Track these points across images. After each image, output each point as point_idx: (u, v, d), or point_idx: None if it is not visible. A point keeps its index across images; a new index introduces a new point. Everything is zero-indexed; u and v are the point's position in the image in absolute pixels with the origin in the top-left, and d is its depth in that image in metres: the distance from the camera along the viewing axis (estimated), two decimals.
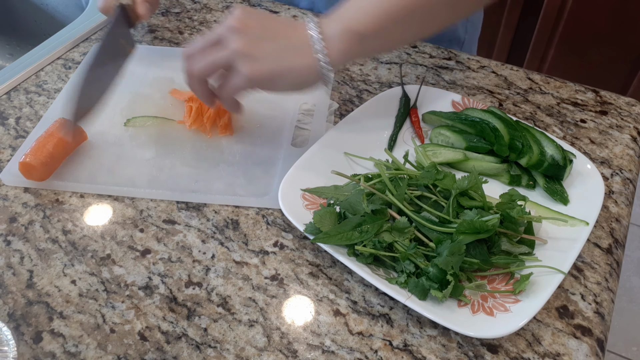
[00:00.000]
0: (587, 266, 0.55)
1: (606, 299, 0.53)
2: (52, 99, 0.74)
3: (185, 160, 0.65)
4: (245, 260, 0.56)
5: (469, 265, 0.51)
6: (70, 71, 0.78)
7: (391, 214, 0.54)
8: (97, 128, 0.69)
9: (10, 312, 0.52)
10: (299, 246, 0.57)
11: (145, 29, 0.86)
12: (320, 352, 0.49)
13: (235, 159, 0.65)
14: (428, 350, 0.49)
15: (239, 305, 0.52)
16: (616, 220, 0.59)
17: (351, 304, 0.52)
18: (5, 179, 0.63)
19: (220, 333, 0.50)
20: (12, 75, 0.76)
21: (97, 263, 0.56)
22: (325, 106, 0.71)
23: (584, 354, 0.49)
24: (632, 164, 0.65)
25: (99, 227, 0.59)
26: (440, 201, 0.55)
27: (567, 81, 0.76)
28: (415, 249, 0.51)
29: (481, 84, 0.75)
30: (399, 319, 0.51)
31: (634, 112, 0.71)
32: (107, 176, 0.63)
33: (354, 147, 0.64)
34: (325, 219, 0.53)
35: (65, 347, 0.50)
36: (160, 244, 0.58)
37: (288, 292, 0.53)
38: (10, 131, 0.70)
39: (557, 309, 0.52)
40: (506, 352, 0.49)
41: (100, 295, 0.53)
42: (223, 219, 0.60)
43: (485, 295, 0.51)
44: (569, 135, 0.68)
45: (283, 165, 0.63)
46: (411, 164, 0.61)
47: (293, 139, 0.67)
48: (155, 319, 0.51)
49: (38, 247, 0.57)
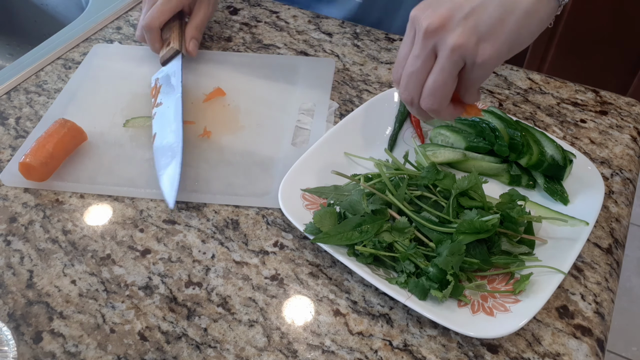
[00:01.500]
0: (587, 266, 0.55)
1: (606, 299, 0.53)
2: (52, 99, 0.74)
3: (185, 160, 0.65)
4: (245, 260, 0.56)
5: (469, 265, 0.51)
6: (70, 71, 0.78)
7: (391, 214, 0.54)
8: (97, 128, 0.69)
9: (10, 312, 0.52)
10: (299, 246, 0.57)
11: None
12: (320, 352, 0.49)
13: (235, 159, 0.65)
14: (428, 350, 0.49)
15: (239, 305, 0.52)
16: (616, 220, 0.59)
17: (351, 304, 0.52)
18: (5, 180, 0.63)
19: (220, 333, 0.50)
20: (12, 75, 0.76)
21: (97, 263, 0.56)
22: (325, 106, 0.71)
23: (584, 354, 0.49)
24: (632, 164, 0.65)
25: (99, 227, 0.59)
26: (440, 201, 0.55)
27: (567, 81, 0.76)
28: (415, 249, 0.51)
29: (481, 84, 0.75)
30: (399, 319, 0.51)
31: (634, 112, 0.71)
32: (107, 176, 0.63)
33: (354, 147, 0.64)
34: (325, 219, 0.53)
35: (65, 347, 0.50)
36: (160, 244, 0.58)
37: (288, 292, 0.53)
38: (10, 131, 0.70)
39: (557, 309, 0.52)
40: (506, 352, 0.49)
41: (100, 295, 0.53)
42: (223, 219, 0.60)
43: (485, 295, 0.51)
44: (569, 135, 0.68)
45: (283, 165, 0.63)
46: (411, 164, 0.61)
47: (293, 139, 0.67)
48: (155, 319, 0.51)
49: (38, 247, 0.57)
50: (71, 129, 0.64)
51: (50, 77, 0.77)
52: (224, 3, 0.91)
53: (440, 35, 0.45)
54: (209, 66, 0.78)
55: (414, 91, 0.49)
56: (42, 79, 0.77)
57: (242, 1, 0.91)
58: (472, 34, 0.44)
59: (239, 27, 0.85)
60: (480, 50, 0.44)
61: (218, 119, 0.70)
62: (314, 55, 0.80)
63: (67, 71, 0.78)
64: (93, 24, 0.85)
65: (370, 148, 0.65)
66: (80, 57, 0.80)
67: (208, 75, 0.76)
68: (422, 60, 0.47)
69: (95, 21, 0.86)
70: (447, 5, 0.45)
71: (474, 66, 0.45)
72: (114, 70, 0.77)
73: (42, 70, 0.78)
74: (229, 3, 0.91)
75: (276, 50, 0.81)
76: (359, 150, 0.64)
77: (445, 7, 0.45)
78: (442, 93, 0.47)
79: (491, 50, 0.44)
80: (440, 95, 0.47)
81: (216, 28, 0.85)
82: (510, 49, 0.45)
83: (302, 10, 0.88)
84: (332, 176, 0.58)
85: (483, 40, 0.44)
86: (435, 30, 0.45)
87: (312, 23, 0.86)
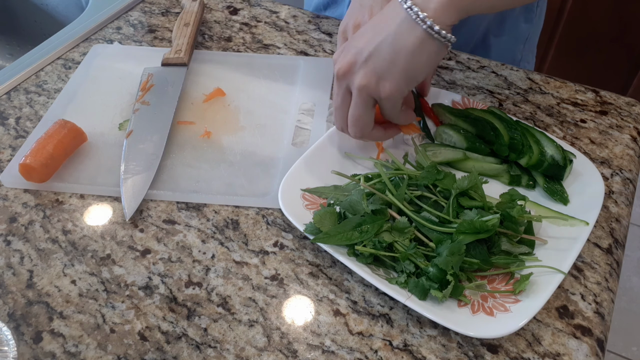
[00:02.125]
0: (587, 266, 0.55)
1: (606, 299, 0.53)
2: (52, 99, 0.74)
3: (185, 160, 0.65)
4: (245, 260, 0.56)
5: (469, 265, 0.51)
6: (70, 71, 0.78)
7: (391, 214, 0.54)
8: (97, 129, 0.69)
9: (10, 312, 0.52)
10: (299, 246, 0.57)
11: (145, 29, 0.86)
12: (320, 352, 0.49)
13: (235, 159, 0.65)
14: (428, 350, 0.49)
15: (239, 305, 0.52)
16: (616, 220, 0.59)
17: (351, 304, 0.52)
18: (5, 181, 0.63)
19: (220, 333, 0.50)
20: (12, 75, 0.76)
21: (97, 263, 0.56)
22: (325, 106, 0.71)
23: (584, 354, 0.49)
24: (632, 164, 0.65)
25: (99, 227, 0.59)
26: (440, 201, 0.55)
27: (567, 81, 0.76)
28: (415, 249, 0.51)
29: (481, 84, 0.75)
30: (399, 319, 0.51)
31: (634, 112, 0.71)
32: (107, 177, 0.63)
33: (354, 147, 0.64)
34: (325, 219, 0.53)
35: (65, 347, 0.50)
36: (160, 244, 0.58)
37: (288, 292, 0.53)
38: (10, 131, 0.70)
39: (557, 309, 0.52)
40: (506, 352, 0.49)
41: (100, 295, 0.53)
42: (223, 219, 0.60)
43: (485, 295, 0.51)
44: (569, 135, 0.68)
45: (283, 165, 0.63)
46: (411, 164, 0.61)
47: (293, 139, 0.67)
48: (155, 319, 0.51)
49: (38, 247, 0.57)
50: (71, 130, 0.64)
51: (50, 77, 0.77)
52: (224, 3, 0.91)
53: (349, 78, 0.53)
54: (209, 66, 0.78)
55: (341, 122, 0.57)
56: (42, 79, 0.77)
57: (242, 1, 0.91)
58: (372, 75, 0.52)
59: (239, 27, 0.85)
60: (381, 88, 0.52)
61: (218, 119, 0.70)
62: (314, 55, 0.80)
63: (67, 71, 0.78)
64: (93, 24, 0.85)
65: (370, 148, 0.64)
66: (80, 57, 0.80)
67: (208, 75, 0.76)
68: (341, 98, 0.55)
69: (95, 21, 0.86)
70: (352, 51, 0.53)
71: (381, 101, 0.53)
72: (114, 70, 0.77)
73: (42, 70, 0.78)
74: (229, 3, 0.91)
75: (276, 50, 0.81)
76: (359, 150, 0.64)
77: (350, 53, 0.53)
78: (361, 124, 0.55)
79: (390, 87, 0.52)
80: (360, 125, 0.55)
81: (216, 28, 0.85)
82: (408, 83, 0.52)
83: (302, 10, 0.88)
84: (332, 176, 0.58)
85: (382, 79, 0.52)
86: (344, 74, 0.53)
87: (312, 23, 0.86)
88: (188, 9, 0.82)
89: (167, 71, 0.73)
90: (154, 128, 0.66)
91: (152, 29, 0.86)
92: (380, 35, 0.51)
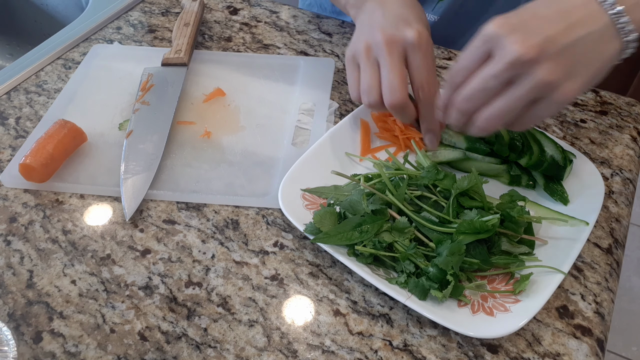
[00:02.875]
0: (587, 266, 0.55)
1: (606, 299, 0.53)
2: (52, 99, 0.74)
3: (185, 160, 0.65)
4: (245, 260, 0.56)
5: (469, 265, 0.51)
6: (70, 71, 0.78)
7: (391, 214, 0.54)
8: (97, 129, 0.69)
9: (10, 312, 0.52)
10: (299, 246, 0.57)
11: (145, 29, 0.86)
12: (320, 352, 0.49)
13: (235, 159, 0.65)
14: (428, 350, 0.49)
15: (239, 305, 0.52)
16: (616, 220, 0.59)
17: (351, 304, 0.52)
18: (5, 181, 0.63)
19: (220, 333, 0.50)
20: (12, 75, 0.76)
21: (97, 263, 0.56)
22: (325, 106, 0.71)
23: (584, 354, 0.49)
24: (632, 164, 0.65)
25: (99, 227, 0.59)
26: (440, 201, 0.55)
27: None
28: (415, 249, 0.51)
29: None
30: (399, 319, 0.51)
31: (634, 112, 0.71)
32: (107, 177, 0.63)
33: (354, 147, 0.64)
34: (325, 219, 0.53)
35: (65, 347, 0.50)
36: (160, 244, 0.58)
37: (288, 292, 0.53)
38: (10, 131, 0.70)
39: (557, 309, 0.52)
40: (506, 352, 0.49)
41: (100, 295, 0.53)
42: (223, 219, 0.60)
43: (485, 295, 0.51)
44: (569, 135, 0.68)
45: (283, 165, 0.63)
46: (411, 164, 0.61)
47: (293, 139, 0.67)
48: (155, 319, 0.51)
49: (38, 247, 0.57)
50: (71, 130, 0.64)
51: (50, 77, 0.77)
52: (224, 3, 0.91)
53: (531, 67, 0.43)
54: (209, 66, 0.78)
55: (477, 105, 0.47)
56: (42, 79, 0.77)
57: (242, 1, 0.91)
58: (563, 72, 0.43)
59: (239, 27, 0.85)
60: (562, 89, 0.43)
61: (218, 119, 0.70)
62: (314, 55, 0.80)
63: (67, 71, 0.78)
64: (93, 24, 0.85)
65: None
66: (80, 57, 0.80)
67: (208, 75, 0.76)
68: (500, 82, 0.45)
69: (95, 21, 0.86)
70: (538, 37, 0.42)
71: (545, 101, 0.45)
72: (114, 70, 0.77)
73: (42, 70, 0.78)
74: (229, 3, 0.91)
75: (276, 50, 0.81)
76: (359, 150, 0.64)
77: (537, 38, 0.42)
78: (504, 118, 0.46)
79: (573, 89, 0.43)
80: (502, 119, 0.46)
81: (216, 28, 0.85)
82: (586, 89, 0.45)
83: (302, 10, 0.88)
84: (332, 176, 0.58)
85: (569, 79, 0.43)
86: (527, 62, 0.43)
87: (312, 23, 0.86)
88: (188, 9, 0.82)
89: (167, 71, 0.73)
90: (154, 128, 0.66)
91: (152, 29, 0.86)
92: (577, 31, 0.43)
